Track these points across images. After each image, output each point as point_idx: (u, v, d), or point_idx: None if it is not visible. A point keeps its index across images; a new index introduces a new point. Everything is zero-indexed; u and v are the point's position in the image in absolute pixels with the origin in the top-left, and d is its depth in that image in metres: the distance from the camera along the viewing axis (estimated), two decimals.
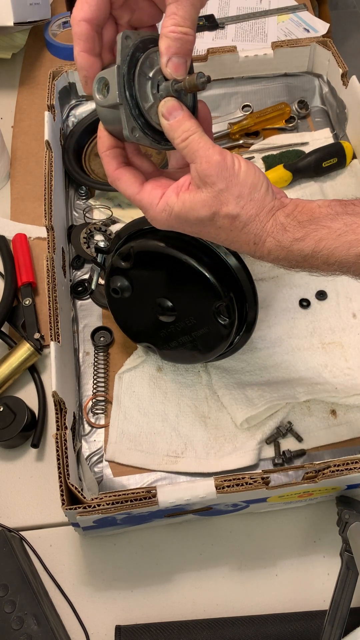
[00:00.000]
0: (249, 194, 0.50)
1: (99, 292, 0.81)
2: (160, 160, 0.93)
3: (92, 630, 0.64)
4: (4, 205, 0.95)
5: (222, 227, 0.51)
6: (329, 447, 0.71)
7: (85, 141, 0.97)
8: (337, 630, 0.58)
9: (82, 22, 0.49)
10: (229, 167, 0.49)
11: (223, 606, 0.65)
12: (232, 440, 0.71)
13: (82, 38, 0.50)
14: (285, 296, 0.82)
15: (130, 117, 0.49)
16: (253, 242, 0.52)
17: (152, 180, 0.54)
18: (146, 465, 0.70)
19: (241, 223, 0.50)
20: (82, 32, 0.49)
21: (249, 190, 0.50)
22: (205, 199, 0.49)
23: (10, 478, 0.72)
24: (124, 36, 0.48)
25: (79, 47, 0.50)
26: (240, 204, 0.50)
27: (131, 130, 0.50)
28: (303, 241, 0.50)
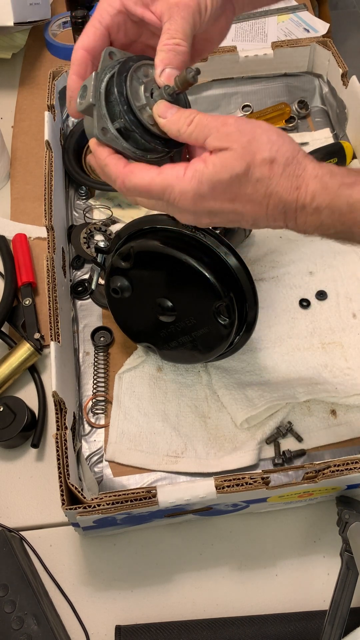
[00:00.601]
0: (278, 138, 0.48)
1: (99, 292, 0.81)
2: None
3: (92, 630, 0.64)
4: (4, 205, 0.95)
5: (260, 179, 0.48)
6: (329, 447, 0.71)
7: (85, 141, 0.97)
8: (337, 630, 0.58)
9: (79, 49, 0.54)
10: (248, 121, 0.49)
11: (223, 606, 0.65)
12: (232, 440, 0.71)
13: (75, 63, 0.55)
14: (285, 296, 0.82)
15: (102, 117, 0.51)
16: (295, 187, 0.48)
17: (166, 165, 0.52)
18: (146, 465, 0.70)
19: (280, 166, 0.48)
20: (77, 57, 0.55)
21: (276, 136, 0.48)
22: (236, 153, 0.47)
23: (10, 478, 0.72)
24: (107, 52, 0.53)
25: (71, 70, 0.55)
26: (273, 148, 0.48)
27: (101, 130, 0.51)
28: (352, 187, 0.48)
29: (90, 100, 0.51)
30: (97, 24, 0.55)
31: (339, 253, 0.85)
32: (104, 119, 0.51)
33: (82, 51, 0.54)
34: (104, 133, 0.51)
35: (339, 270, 0.84)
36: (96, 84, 0.51)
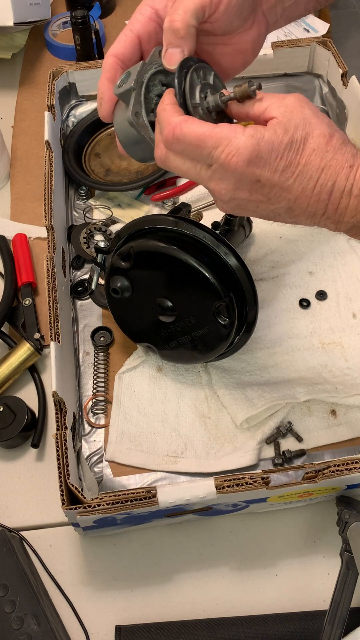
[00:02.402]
0: (334, 123, 0.50)
1: (99, 292, 0.81)
2: None
3: (92, 630, 0.64)
4: (4, 205, 0.95)
5: (316, 150, 0.48)
6: (329, 447, 0.71)
7: (85, 141, 0.97)
8: (337, 630, 0.58)
9: (110, 56, 0.56)
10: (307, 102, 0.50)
11: (223, 606, 0.65)
12: (232, 440, 0.71)
13: (106, 68, 0.56)
14: (285, 296, 0.82)
15: (138, 103, 0.54)
16: (349, 165, 0.49)
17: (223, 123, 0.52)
18: (146, 465, 0.70)
19: (338, 141, 0.49)
20: (108, 63, 0.56)
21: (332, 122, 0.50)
22: (296, 122, 0.48)
23: (10, 478, 0.72)
24: (157, 49, 0.55)
25: (103, 76, 0.57)
26: (332, 126, 0.50)
27: (134, 114, 0.53)
28: None
29: (131, 85, 0.53)
30: (128, 32, 0.56)
31: (339, 253, 0.85)
32: (139, 105, 0.54)
33: (113, 58, 0.56)
34: (136, 117, 0.54)
35: (339, 271, 0.84)
36: (141, 71, 0.53)
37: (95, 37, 1.04)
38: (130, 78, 0.53)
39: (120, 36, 0.57)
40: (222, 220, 0.81)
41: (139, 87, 0.54)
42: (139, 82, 0.53)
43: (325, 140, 0.48)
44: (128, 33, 0.56)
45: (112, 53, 0.56)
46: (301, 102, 0.49)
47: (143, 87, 0.54)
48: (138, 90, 0.54)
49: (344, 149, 0.49)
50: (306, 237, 0.87)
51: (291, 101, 0.49)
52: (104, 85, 0.57)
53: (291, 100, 0.49)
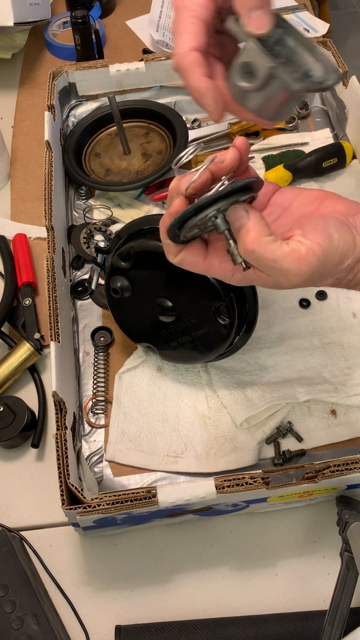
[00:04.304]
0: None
1: (99, 292, 0.81)
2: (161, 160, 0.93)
3: (92, 630, 0.64)
4: (4, 205, 0.95)
5: None
6: (329, 447, 0.71)
7: (85, 141, 0.97)
8: (337, 630, 0.58)
9: (192, 51, 0.48)
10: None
11: (223, 606, 0.65)
12: (232, 440, 0.71)
13: (197, 64, 0.48)
14: (285, 296, 0.82)
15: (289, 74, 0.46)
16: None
17: None
18: (146, 465, 0.70)
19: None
20: (196, 59, 0.48)
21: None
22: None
23: (10, 478, 0.72)
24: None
25: (197, 73, 0.48)
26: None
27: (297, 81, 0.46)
28: None
29: (268, 65, 0.45)
30: (193, 20, 0.48)
31: None
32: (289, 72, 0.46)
33: (195, 52, 0.48)
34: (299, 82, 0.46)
35: None
36: (263, 50, 0.45)
37: (95, 37, 1.04)
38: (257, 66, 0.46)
39: (185, 26, 0.48)
40: None
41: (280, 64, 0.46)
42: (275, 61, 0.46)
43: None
44: (194, 20, 0.48)
45: (191, 47, 0.48)
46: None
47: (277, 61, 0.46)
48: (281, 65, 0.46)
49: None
50: None
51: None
52: (209, 83, 0.48)
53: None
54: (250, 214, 0.47)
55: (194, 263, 0.52)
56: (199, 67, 0.48)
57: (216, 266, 0.51)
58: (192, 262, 0.52)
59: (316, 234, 0.47)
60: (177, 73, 0.49)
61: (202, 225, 0.49)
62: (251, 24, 0.45)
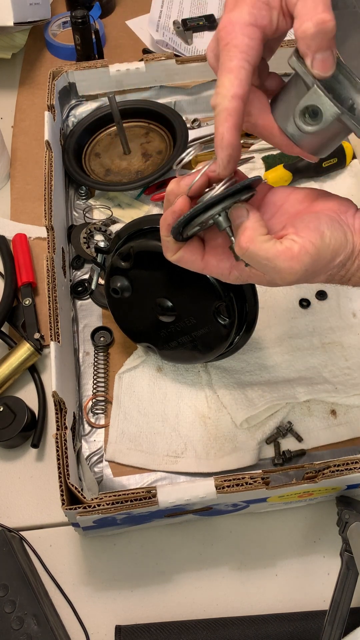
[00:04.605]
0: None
1: (99, 292, 0.81)
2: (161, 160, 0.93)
3: (92, 630, 0.64)
4: (4, 205, 0.95)
5: None
6: (329, 447, 0.71)
7: (85, 141, 0.97)
8: (337, 630, 0.58)
9: (235, 98, 0.45)
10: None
11: (223, 606, 0.65)
12: (232, 440, 0.71)
13: (235, 114, 0.46)
14: (285, 296, 0.82)
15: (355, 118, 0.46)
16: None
17: None
18: (146, 465, 0.70)
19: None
20: (236, 109, 0.46)
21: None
22: None
23: (10, 478, 0.72)
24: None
25: (231, 122, 0.46)
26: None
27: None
28: None
29: (335, 112, 0.45)
30: (244, 63, 0.45)
31: None
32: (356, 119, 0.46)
33: (239, 100, 0.45)
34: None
35: None
36: (328, 95, 0.45)
37: (95, 37, 1.04)
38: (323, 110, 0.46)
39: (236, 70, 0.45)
40: None
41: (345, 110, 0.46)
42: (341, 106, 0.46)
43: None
44: (246, 65, 0.45)
45: (236, 94, 0.45)
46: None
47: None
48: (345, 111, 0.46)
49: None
50: None
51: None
52: (236, 139, 0.46)
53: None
54: (250, 213, 0.48)
55: (192, 261, 0.53)
56: (236, 117, 0.46)
57: (213, 264, 0.52)
58: (190, 260, 0.53)
59: (308, 232, 0.47)
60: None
61: (204, 222, 0.49)
62: (316, 66, 0.44)
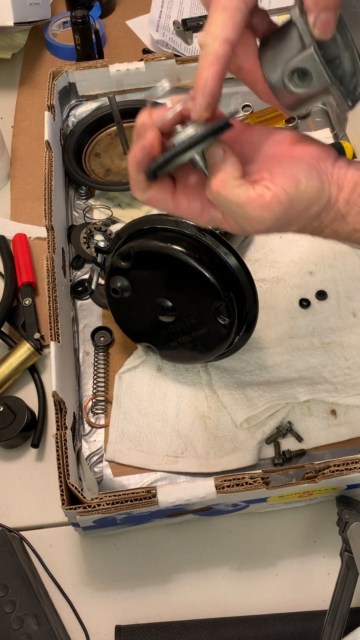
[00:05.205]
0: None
1: (99, 292, 0.81)
2: None
3: (92, 630, 0.64)
4: (4, 205, 0.95)
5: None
6: (329, 447, 0.71)
7: (85, 141, 0.97)
8: (337, 630, 0.58)
9: (224, 42, 0.42)
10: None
11: (223, 606, 0.65)
12: (232, 440, 0.71)
13: (222, 60, 0.43)
14: (285, 296, 0.82)
15: (343, 92, 0.45)
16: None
17: None
18: (146, 465, 0.70)
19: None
20: (224, 54, 0.43)
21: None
22: None
23: (10, 478, 0.72)
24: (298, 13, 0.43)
25: (215, 69, 0.43)
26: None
27: (351, 102, 0.46)
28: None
29: (325, 82, 0.43)
30: (241, 4, 0.42)
31: (339, 253, 0.85)
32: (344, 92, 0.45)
33: (228, 45, 0.42)
34: (352, 102, 0.46)
35: (339, 270, 0.84)
36: (322, 61, 0.43)
37: (95, 37, 1.04)
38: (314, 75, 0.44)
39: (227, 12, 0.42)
40: None
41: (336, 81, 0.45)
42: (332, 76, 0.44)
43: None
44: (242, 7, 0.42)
45: (227, 38, 0.42)
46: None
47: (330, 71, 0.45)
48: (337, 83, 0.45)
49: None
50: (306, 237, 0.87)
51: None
52: (218, 86, 0.44)
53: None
54: (225, 154, 0.46)
55: (162, 200, 0.49)
56: (223, 63, 0.43)
57: (184, 204, 0.49)
58: (160, 199, 0.49)
59: (284, 179, 0.45)
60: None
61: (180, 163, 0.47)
62: (318, 26, 0.42)
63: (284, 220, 0.46)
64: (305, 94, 0.46)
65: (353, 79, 0.48)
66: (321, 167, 0.47)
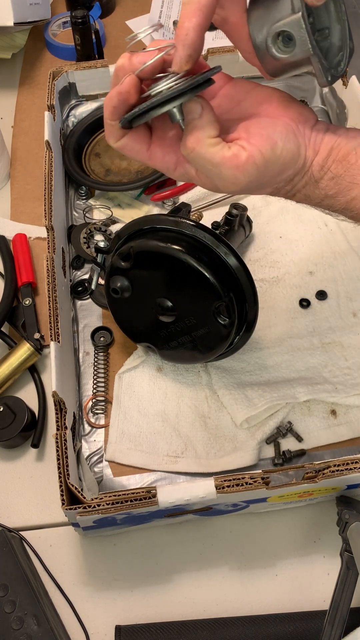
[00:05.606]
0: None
1: (99, 292, 0.81)
2: None
3: (92, 630, 0.64)
4: (4, 205, 0.95)
5: None
6: (329, 447, 0.71)
7: (85, 141, 0.97)
8: (337, 630, 0.58)
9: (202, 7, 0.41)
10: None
11: (223, 606, 0.65)
12: (232, 440, 0.71)
13: (205, 10, 0.41)
14: (285, 296, 0.82)
15: (325, 66, 0.45)
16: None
17: None
18: (146, 465, 0.70)
19: None
20: (208, 3, 0.41)
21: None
22: None
23: (10, 478, 0.72)
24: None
25: (198, 19, 0.41)
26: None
27: (330, 77, 0.45)
28: (334, 198, 0.47)
29: (309, 52, 0.43)
30: None
31: (339, 253, 0.85)
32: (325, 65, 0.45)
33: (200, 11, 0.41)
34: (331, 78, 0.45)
35: (339, 270, 0.84)
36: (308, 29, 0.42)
37: (95, 37, 1.04)
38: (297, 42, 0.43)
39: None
40: (222, 220, 0.81)
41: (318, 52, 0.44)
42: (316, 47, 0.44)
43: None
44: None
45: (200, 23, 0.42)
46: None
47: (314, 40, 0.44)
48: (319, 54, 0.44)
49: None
50: (306, 237, 0.87)
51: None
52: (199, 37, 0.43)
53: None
54: (203, 111, 0.45)
55: (136, 150, 0.49)
56: (206, 13, 0.42)
57: (159, 157, 0.49)
58: (134, 149, 0.49)
59: (260, 140, 0.44)
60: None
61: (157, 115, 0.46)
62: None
63: (257, 183, 0.46)
64: (287, 60, 0.45)
65: (339, 54, 0.46)
66: (299, 130, 0.47)
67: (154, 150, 0.49)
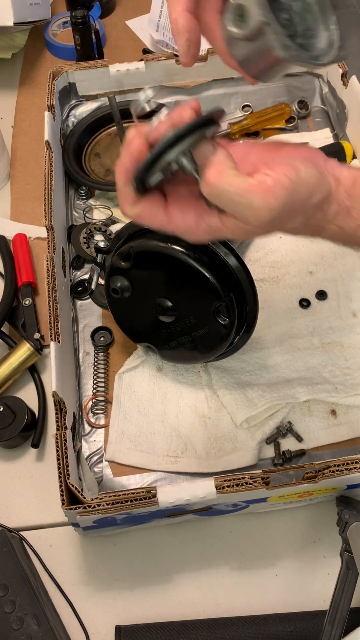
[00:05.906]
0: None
1: (99, 292, 0.81)
2: None
3: (92, 630, 0.64)
4: (4, 205, 0.95)
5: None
6: (329, 447, 0.71)
7: (85, 141, 0.97)
8: (337, 630, 0.58)
9: (183, 12, 0.43)
10: None
11: (223, 606, 0.65)
12: (232, 440, 0.71)
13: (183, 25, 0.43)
14: (285, 296, 0.82)
15: (279, 33, 0.42)
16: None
17: None
18: (146, 465, 0.70)
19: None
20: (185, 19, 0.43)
21: None
22: None
23: (10, 478, 0.72)
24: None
25: (181, 6, 0.43)
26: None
27: (285, 48, 0.42)
28: None
29: (259, 19, 0.41)
30: None
31: (339, 253, 0.85)
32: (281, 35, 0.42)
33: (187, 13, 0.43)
34: (286, 49, 0.42)
35: (339, 270, 0.84)
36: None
37: (95, 37, 1.04)
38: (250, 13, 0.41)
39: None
40: None
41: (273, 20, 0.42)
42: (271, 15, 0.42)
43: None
44: None
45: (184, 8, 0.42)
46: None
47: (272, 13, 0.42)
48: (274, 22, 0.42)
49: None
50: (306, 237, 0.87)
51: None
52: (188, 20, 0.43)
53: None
54: (217, 148, 0.44)
55: (153, 215, 0.46)
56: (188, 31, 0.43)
57: (178, 217, 0.46)
58: (151, 213, 0.46)
59: (283, 167, 0.43)
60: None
61: (167, 166, 0.44)
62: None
63: (289, 209, 0.44)
64: (243, 36, 0.43)
65: (302, 22, 0.45)
66: (316, 161, 0.47)
67: (172, 212, 0.47)
